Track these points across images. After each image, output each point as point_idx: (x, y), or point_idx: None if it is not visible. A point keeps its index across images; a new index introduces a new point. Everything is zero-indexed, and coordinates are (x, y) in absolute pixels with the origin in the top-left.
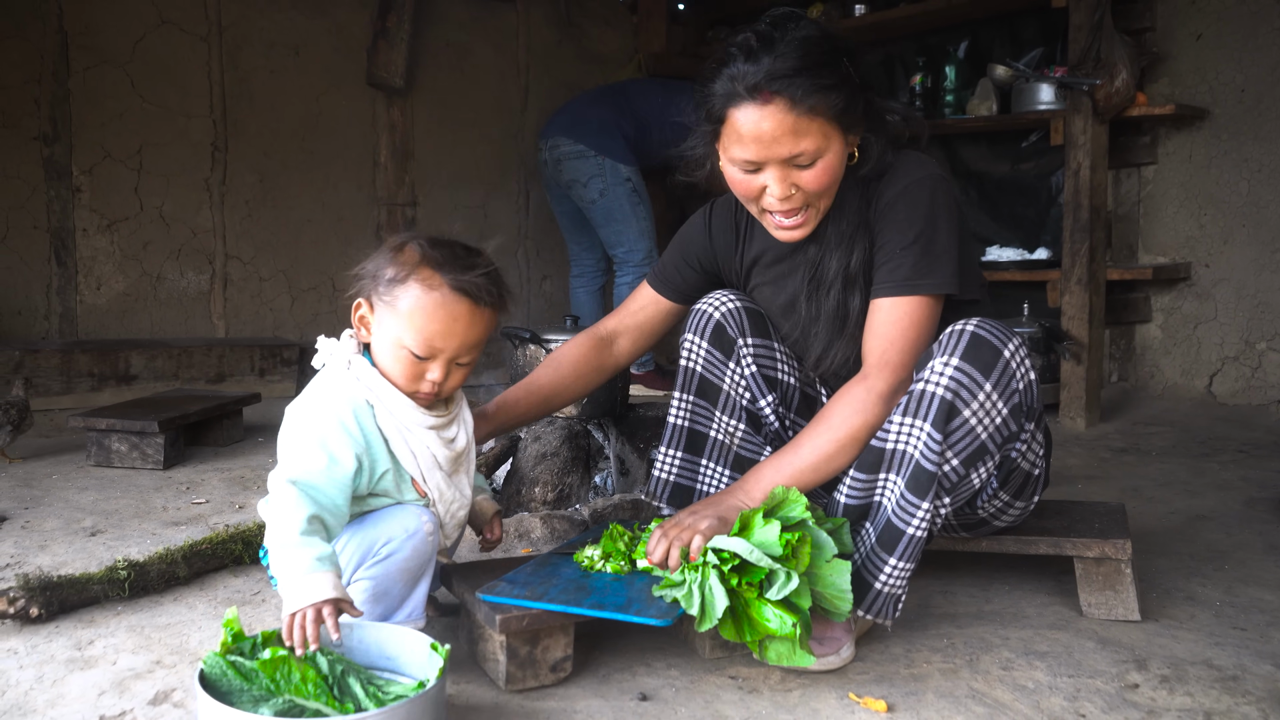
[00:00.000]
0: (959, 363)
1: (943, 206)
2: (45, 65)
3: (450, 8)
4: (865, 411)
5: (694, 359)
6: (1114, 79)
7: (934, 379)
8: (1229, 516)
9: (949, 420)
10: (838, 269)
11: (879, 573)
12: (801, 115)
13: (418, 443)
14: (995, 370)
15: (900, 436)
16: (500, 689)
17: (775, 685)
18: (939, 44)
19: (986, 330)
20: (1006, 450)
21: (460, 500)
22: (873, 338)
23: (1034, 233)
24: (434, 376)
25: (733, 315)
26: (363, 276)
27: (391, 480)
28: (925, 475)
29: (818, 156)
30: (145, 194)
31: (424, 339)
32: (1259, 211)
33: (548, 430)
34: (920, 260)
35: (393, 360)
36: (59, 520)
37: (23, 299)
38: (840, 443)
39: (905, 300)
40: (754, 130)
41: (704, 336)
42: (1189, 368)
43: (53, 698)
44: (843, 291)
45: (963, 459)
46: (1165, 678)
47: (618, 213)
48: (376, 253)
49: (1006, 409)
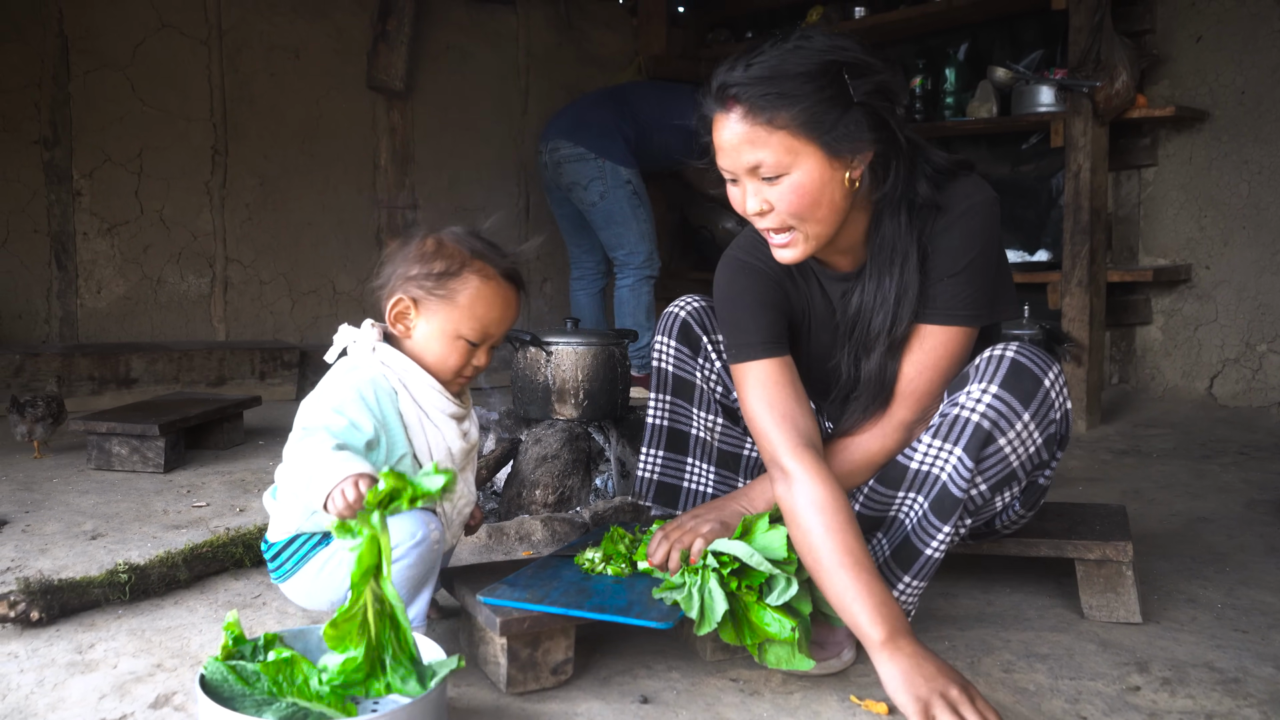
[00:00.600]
0: (998, 390)
1: (991, 235)
2: (46, 69)
3: (450, 11)
4: (884, 438)
5: (665, 358)
6: (1114, 81)
7: (971, 405)
8: (1230, 518)
9: (984, 448)
10: (882, 330)
11: (891, 589)
12: (758, 125)
13: (435, 435)
14: (1035, 400)
15: (929, 458)
16: (501, 691)
17: (777, 688)
18: (939, 46)
19: (1027, 358)
20: (1035, 477)
21: (468, 496)
22: (907, 364)
23: (1034, 235)
24: (479, 362)
25: (698, 313)
26: (394, 275)
27: (409, 467)
28: (951, 500)
29: (781, 172)
30: (146, 197)
31: (482, 326)
32: (1259, 213)
33: (548, 433)
34: (965, 290)
35: (448, 351)
36: (59, 524)
37: (23, 303)
38: (856, 464)
39: (942, 330)
40: (718, 137)
41: (671, 335)
42: (1189, 370)
43: (53, 701)
44: (884, 355)
45: (991, 485)
46: (1166, 680)
47: (618, 215)
48: (400, 251)
49: (1041, 439)
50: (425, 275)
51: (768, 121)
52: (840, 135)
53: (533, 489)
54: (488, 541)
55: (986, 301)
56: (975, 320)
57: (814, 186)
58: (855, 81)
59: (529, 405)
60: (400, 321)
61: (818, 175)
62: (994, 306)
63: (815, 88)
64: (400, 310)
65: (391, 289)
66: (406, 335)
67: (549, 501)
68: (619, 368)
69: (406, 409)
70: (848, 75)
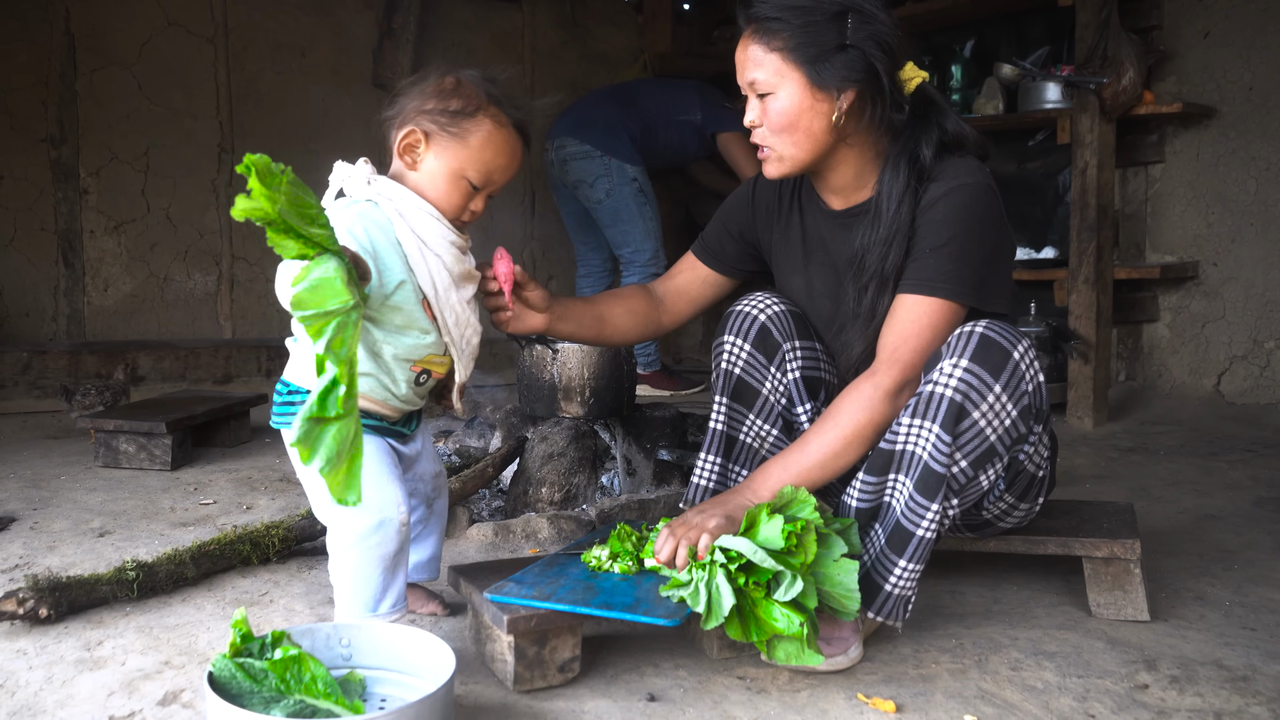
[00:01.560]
0: (968, 364)
1: (980, 216)
2: (52, 67)
3: (455, 9)
4: (871, 408)
5: (734, 361)
6: (1121, 77)
7: (943, 380)
8: (1238, 516)
9: (958, 422)
10: (875, 267)
11: (889, 575)
12: (759, 44)
13: (435, 261)
14: (1005, 372)
15: (909, 438)
16: (508, 689)
17: (783, 685)
18: (945, 43)
19: (995, 331)
20: (1015, 452)
21: (474, 326)
22: (889, 333)
23: (1041, 232)
24: (477, 206)
25: (779, 319)
26: (409, 107)
27: (408, 296)
28: (934, 477)
29: (769, 90)
30: (152, 195)
31: (487, 171)
32: (1267, 210)
33: (554, 431)
34: (948, 264)
35: (450, 190)
36: (67, 521)
37: (31, 300)
38: (847, 439)
39: (926, 300)
40: (737, 54)
41: (747, 339)
42: (1197, 367)
43: (62, 698)
44: (876, 291)
45: (971, 460)
46: (1175, 678)
47: (624, 213)
48: (418, 85)
49: (1016, 411)
50: (441, 111)
51: (766, 42)
52: (826, 69)
53: (539, 487)
54: (494, 539)
55: (973, 282)
56: (957, 295)
57: (794, 110)
58: (856, 26)
59: (535, 403)
60: (409, 153)
61: (799, 100)
62: (982, 291)
63: (815, 21)
64: (410, 142)
65: (404, 119)
66: (413, 167)
67: (555, 499)
68: (625, 365)
69: (404, 238)
70: (850, 20)
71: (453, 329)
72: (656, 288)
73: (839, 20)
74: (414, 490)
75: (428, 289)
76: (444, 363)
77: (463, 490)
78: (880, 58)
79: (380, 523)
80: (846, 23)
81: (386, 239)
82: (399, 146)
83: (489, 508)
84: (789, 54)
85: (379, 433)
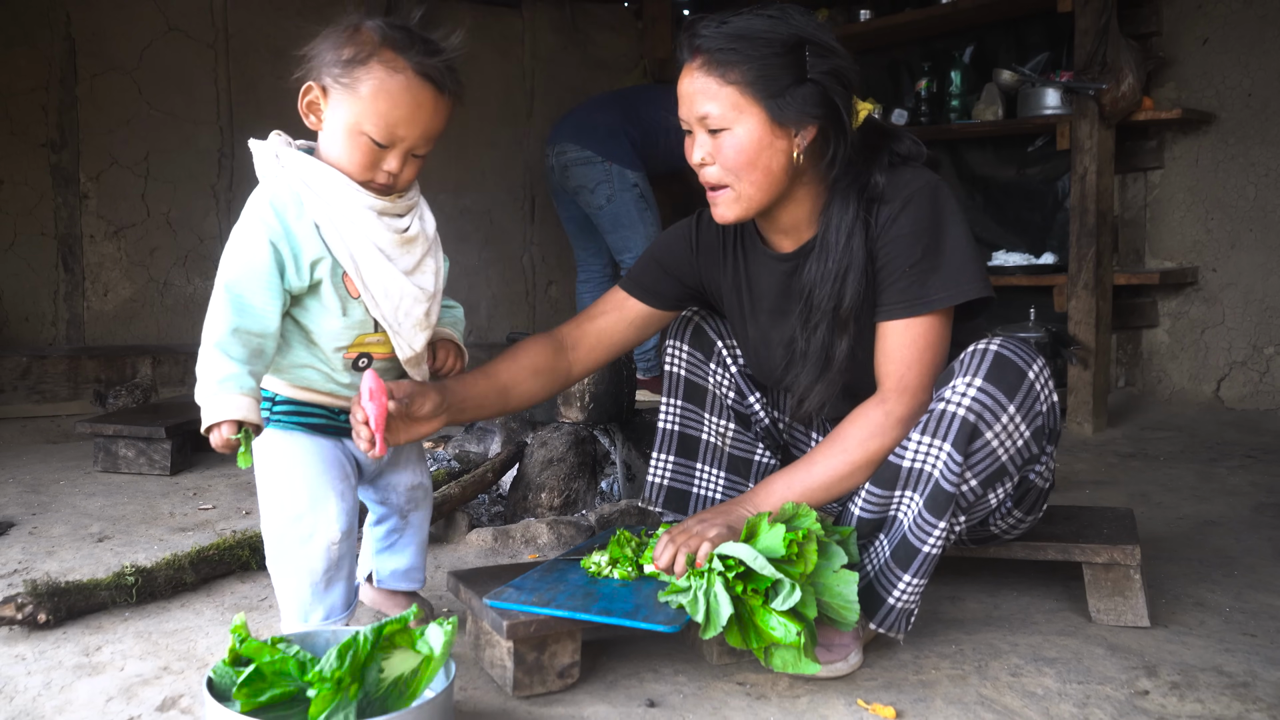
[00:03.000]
0: (982, 383)
1: (941, 218)
2: (53, 73)
3: (455, 14)
4: (883, 436)
5: (677, 363)
6: (1120, 83)
7: (956, 399)
8: (1238, 522)
9: (971, 441)
10: (826, 305)
11: (893, 588)
12: (713, 77)
13: (354, 231)
14: (1019, 392)
15: (919, 456)
16: (507, 695)
17: (783, 692)
18: (944, 49)
19: (1011, 350)
20: (1025, 472)
21: (414, 294)
22: (888, 362)
23: (1040, 237)
24: (390, 166)
25: (711, 317)
26: (311, 58)
27: (329, 271)
28: (944, 495)
29: (725, 126)
30: (152, 201)
31: (386, 125)
32: (1266, 216)
33: (554, 436)
34: (929, 276)
35: (349, 148)
36: (66, 526)
37: (30, 305)
38: (855, 464)
39: (917, 321)
40: (680, 86)
41: (684, 339)
42: (1196, 372)
43: (60, 704)
44: (830, 331)
45: (981, 480)
46: (1175, 684)
47: (625, 218)
48: (326, 33)
49: (1029, 431)
50: (335, 62)
51: (721, 75)
52: (786, 104)
53: (538, 492)
54: (493, 544)
55: (957, 280)
56: (945, 302)
57: (752, 146)
58: (814, 59)
59: (535, 409)
60: (312, 112)
61: (758, 136)
62: (959, 286)
63: (773, 53)
64: (311, 100)
65: (304, 74)
66: (318, 127)
67: (555, 505)
68: (625, 371)
69: (317, 211)
70: (809, 52)
71: (382, 301)
72: (566, 334)
73: (796, 52)
74: (384, 499)
75: (345, 262)
76: (380, 341)
77: (462, 495)
78: (840, 92)
79: (306, 537)
80: (804, 55)
81: (299, 217)
82: (301, 106)
83: (489, 513)
84: (747, 88)
85: (338, 433)
